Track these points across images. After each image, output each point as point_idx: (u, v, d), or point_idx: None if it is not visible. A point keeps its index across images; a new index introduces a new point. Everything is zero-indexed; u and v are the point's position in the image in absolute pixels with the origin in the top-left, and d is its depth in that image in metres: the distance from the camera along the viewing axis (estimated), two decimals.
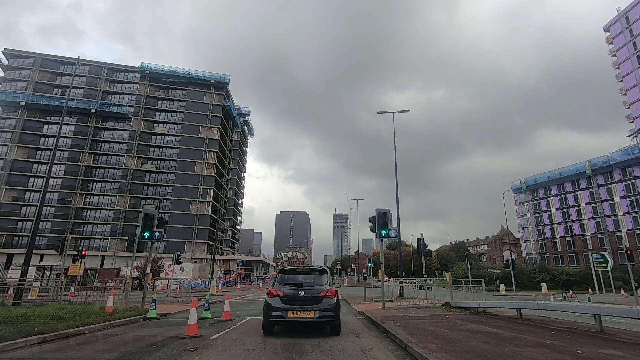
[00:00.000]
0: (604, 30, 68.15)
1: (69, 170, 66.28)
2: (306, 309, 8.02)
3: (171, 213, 67.15)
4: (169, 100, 75.16)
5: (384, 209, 13.35)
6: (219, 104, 76.49)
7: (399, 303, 13.98)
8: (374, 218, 13.36)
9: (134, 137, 69.42)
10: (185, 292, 21.54)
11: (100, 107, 69.70)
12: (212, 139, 72.92)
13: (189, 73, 75.72)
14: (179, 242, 65.18)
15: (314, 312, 8.00)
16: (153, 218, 12.93)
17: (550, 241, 70.53)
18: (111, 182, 68.12)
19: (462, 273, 45.36)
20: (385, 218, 13.31)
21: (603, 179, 62.60)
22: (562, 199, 69.45)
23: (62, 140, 68.20)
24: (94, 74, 72.76)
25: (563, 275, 39.37)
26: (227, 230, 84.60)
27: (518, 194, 79.09)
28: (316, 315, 8.00)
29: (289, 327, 9.01)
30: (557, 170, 70.24)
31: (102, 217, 66.37)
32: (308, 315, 7.98)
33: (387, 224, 13.11)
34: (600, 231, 61.69)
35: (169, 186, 69.27)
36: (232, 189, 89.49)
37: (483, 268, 45.91)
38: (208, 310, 11.89)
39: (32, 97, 67.12)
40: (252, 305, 17.19)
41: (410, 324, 8.99)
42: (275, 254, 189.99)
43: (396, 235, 13.27)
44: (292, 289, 8.41)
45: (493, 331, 7.85)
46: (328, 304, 8.17)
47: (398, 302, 14.19)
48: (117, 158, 69.54)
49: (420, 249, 18.62)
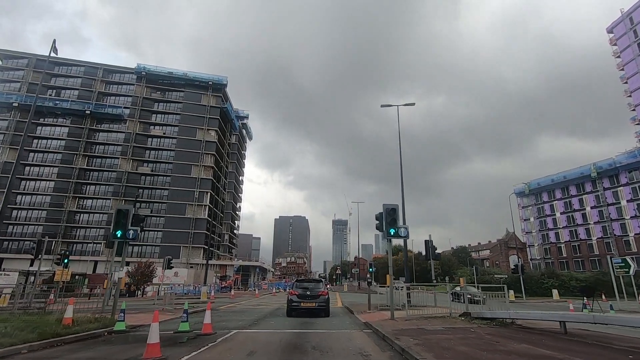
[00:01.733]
0: (607, 31, 67.19)
1: (62, 172, 64.64)
2: (311, 301, 14.06)
3: (167, 217, 65.56)
4: (166, 101, 73.81)
5: (392, 204, 11.79)
6: (217, 105, 75.17)
7: (410, 312, 12.32)
8: (381, 215, 11.81)
9: (129, 139, 67.89)
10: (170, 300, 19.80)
11: (95, 109, 68.34)
12: (210, 142, 71.44)
13: (186, 74, 74.49)
14: (174, 247, 63.44)
15: (315, 303, 14.03)
16: (127, 215, 11.36)
17: (555, 246, 68.90)
18: (105, 185, 66.50)
19: (467, 279, 43.70)
20: (395, 214, 11.75)
21: (609, 182, 61.17)
22: (567, 202, 67.96)
23: (55, 142, 66.87)
24: (89, 75, 71.51)
25: (573, 281, 37.69)
26: (225, 235, 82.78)
27: (521, 198, 77.57)
28: (316, 305, 14.02)
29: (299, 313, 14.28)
30: (562, 173, 68.81)
31: (96, 220, 64.63)
32: (312, 305, 14.00)
33: (397, 221, 11.56)
34: (607, 235, 60.11)
35: (164, 189, 67.65)
36: (230, 192, 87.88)
37: (489, 273, 44.23)
38: (186, 322, 9.89)
39: (26, 98, 65.69)
40: (244, 315, 15.23)
41: (432, 341, 7.38)
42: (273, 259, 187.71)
43: (406, 234, 11.65)
44: (303, 290, 14.62)
45: (545, 353, 6.28)
46: (323, 299, 14.32)
47: (409, 311, 12.50)
48: (112, 160, 67.98)
49: (428, 252, 16.98)
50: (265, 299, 28.55)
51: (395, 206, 11.79)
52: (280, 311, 16.25)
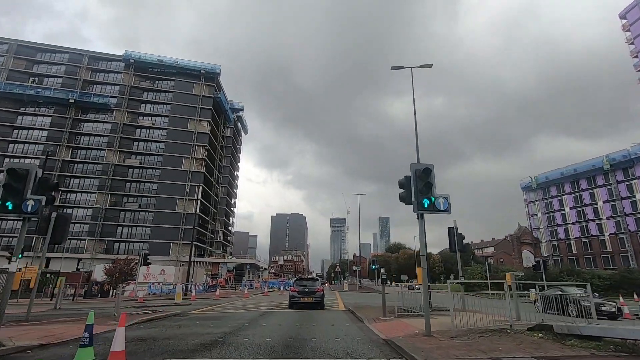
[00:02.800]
0: (619, 17, 63.91)
1: (43, 164, 60.63)
2: (309, 296, 16.99)
3: (156, 212, 61.89)
4: (155, 91, 69.99)
5: (425, 164, 8.14)
6: (210, 95, 71.44)
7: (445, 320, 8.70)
8: (407, 180, 8.17)
9: (116, 130, 63.99)
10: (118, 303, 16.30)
11: (80, 98, 64.44)
12: (202, 133, 67.68)
13: (177, 62, 70.72)
14: (163, 243, 59.88)
15: (312, 298, 16.97)
16: (27, 177, 7.55)
17: (564, 242, 65.71)
18: (90, 178, 62.67)
19: (477, 276, 40.44)
20: (429, 177, 8.06)
21: (622, 174, 57.99)
22: (577, 197, 64.75)
23: (37, 133, 63.01)
24: (74, 62, 67.56)
25: (595, 279, 34.36)
26: (218, 232, 79.12)
27: (528, 193, 74.39)
28: (313, 299, 16.96)
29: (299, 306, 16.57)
30: (572, 166, 65.54)
31: (80, 216, 60.75)
32: (310, 300, 16.89)
33: (432, 188, 7.96)
34: (621, 231, 56.96)
35: (153, 182, 63.89)
36: (224, 187, 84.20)
37: (501, 270, 40.93)
38: (89, 348, 5.65)
39: (5, 86, 61.75)
40: (214, 324, 10.97)
41: None
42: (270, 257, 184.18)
43: (447, 207, 7.93)
44: (302, 287, 17.47)
45: None
46: (319, 295, 17.29)
47: (452, 317, 8.09)
48: (98, 152, 64.16)
49: (453, 242, 13.21)
50: (254, 299, 25.02)
51: (429, 166, 8.13)
52: (267, 317, 12.69)
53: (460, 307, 14.18)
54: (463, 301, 15.54)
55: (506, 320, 8.95)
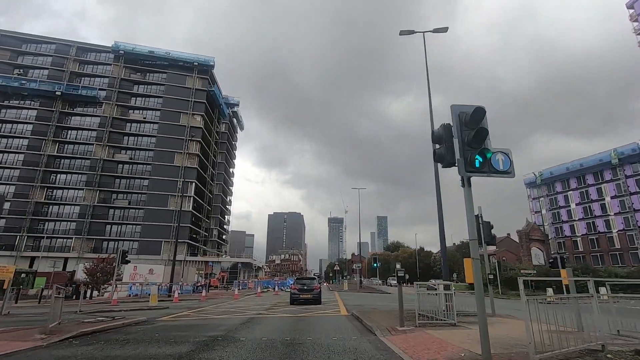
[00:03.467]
0: (627, 7, 61.83)
1: (28, 160, 57.98)
2: (308, 293, 18.79)
3: (146, 209, 59.30)
4: (147, 84, 67.32)
5: (474, 105, 5.31)
6: (203, 88, 68.81)
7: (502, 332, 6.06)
8: (447, 128, 5.71)
9: (105, 124, 61.30)
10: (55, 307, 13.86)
11: (67, 90, 61.69)
12: (195, 127, 64.99)
13: (169, 54, 68.06)
14: (154, 242, 57.35)
15: (311, 295, 18.76)
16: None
17: (570, 240, 63.64)
18: (78, 174, 59.97)
19: (484, 274, 38.20)
20: (481, 122, 5.40)
21: (631, 169, 55.94)
22: (583, 192, 62.68)
23: (21, 126, 60.31)
24: (61, 53, 64.78)
25: (612, 277, 32.28)
26: (213, 230, 76.51)
27: (531, 189, 72.29)
28: (311, 296, 18.72)
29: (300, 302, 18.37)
30: (577, 161, 63.44)
31: (66, 213, 58.13)
32: (308, 296, 18.67)
33: (486, 139, 5.31)
34: (630, 227, 54.93)
35: (144, 179, 61.27)
36: (219, 185, 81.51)
37: (510, 268, 38.71)
38: None
39: None
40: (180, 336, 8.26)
41: None
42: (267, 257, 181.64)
43: (508, 166, 5.24)
44: (301, 285, 19.44)
45: None
46: (317, 292, 19.09)
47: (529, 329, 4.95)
48: (86, 147, 61.42)
49: (480, 232, 10.67)
50: (243, 301, 22.52)
51: (481, 108, 5.53)
52: (250, 327, 10.08)
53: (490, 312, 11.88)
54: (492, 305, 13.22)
55: (593, 336, 5.96)
